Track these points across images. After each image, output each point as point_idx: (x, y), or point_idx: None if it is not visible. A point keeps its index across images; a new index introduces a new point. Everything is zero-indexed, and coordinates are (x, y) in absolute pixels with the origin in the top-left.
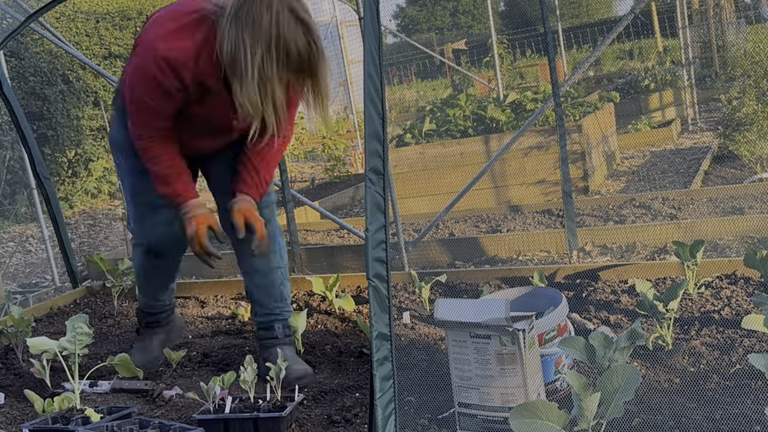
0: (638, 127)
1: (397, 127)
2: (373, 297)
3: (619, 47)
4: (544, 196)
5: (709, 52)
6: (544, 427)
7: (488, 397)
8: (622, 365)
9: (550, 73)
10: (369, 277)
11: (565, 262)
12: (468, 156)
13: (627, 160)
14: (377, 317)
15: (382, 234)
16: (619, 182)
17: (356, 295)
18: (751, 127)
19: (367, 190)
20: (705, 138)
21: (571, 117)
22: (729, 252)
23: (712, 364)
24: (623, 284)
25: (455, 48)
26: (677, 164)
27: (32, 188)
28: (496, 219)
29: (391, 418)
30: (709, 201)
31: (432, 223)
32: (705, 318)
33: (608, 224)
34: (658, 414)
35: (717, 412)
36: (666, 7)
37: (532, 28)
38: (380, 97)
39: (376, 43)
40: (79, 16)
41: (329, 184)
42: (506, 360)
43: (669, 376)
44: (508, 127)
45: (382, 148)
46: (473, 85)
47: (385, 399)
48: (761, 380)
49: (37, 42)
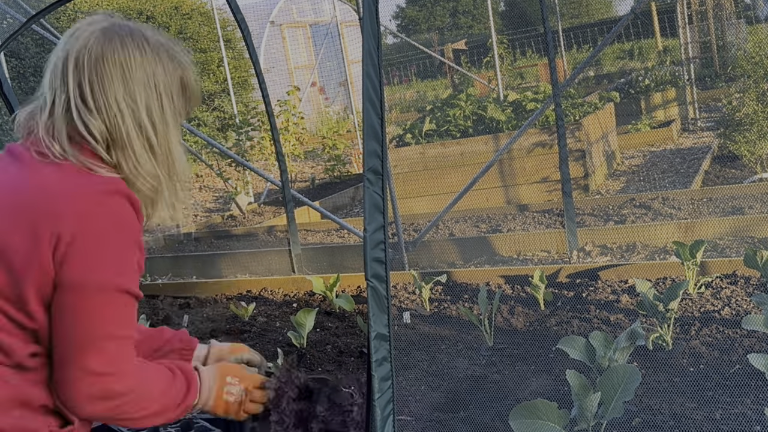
0: (638, 127)
1: (397, 127)
2: (372, 297)
3: (619, 47)
4: (544, 195)
5: (709, 52)
6: (544, 427)
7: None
8: (622, 365)
9: (550, 73)
10: (367, 278)
11: (565, 262)
12: (468, 156)
13: (627, 160)
14: (376, 317)
15: (380, 234)
16: (619, 182)
17: (356, 295)
18: (751, 127)
19: (365, 190)
20: (705, 138)
21: (571, 117)
22: (729, 252)
23: (712, 364)
24: (623, 284)
25: (455, 48)
26: (677, 164)
27: None
28: (496, 219)
29: (389, 418)
30: (709, 201)
31: (432, 223)
32: (705, 318)
33: (608, 224)
34: (658, 414)
35: (717, 412)
36: (666, 7)
37: (532, 28)
38: (379, 98)
39: (375, 44)
40: (79, 16)
41: (329, 184)
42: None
43: (669, 376)
44: (508, 127)
45: (381, 148)
46: (473, 85)
47: (383, 399)
48: (761, 380)
49: (37, 42)
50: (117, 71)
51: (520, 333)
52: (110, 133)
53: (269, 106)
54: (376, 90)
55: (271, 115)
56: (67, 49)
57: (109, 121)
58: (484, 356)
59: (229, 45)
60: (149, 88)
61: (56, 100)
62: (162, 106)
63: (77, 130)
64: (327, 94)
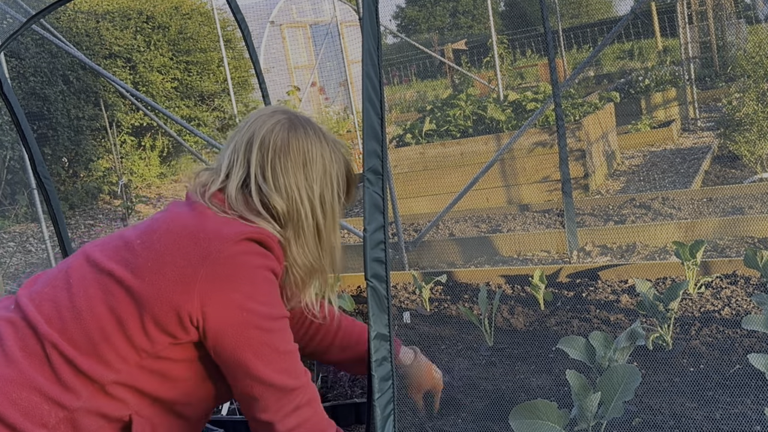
0: (638, 127)
1: (397, 127)
2: (372, 297)
3: (619, 47)
4: (545, 195)
5: (709, 52)
6: (544, 427)
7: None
8: (622, 365)
9: (550, 73)
10: (367, 278)
11: (565, 262)
12: (468, 156)
13: (627, 160)
14: (376, 317)
15: (380, 234)
16: (619, 182)
17: (356, 295)
18: (751, 127)
19: (365, 190)
20: (705, 138)
21: (572, 117)
22: (729, 252)
23: (712, 364)
24: (623, 284)
25: (455, 48)
26: (677, 164)
27: (32, 188)
28: (496, 219)
29: (390, 418)
30: (709, 201)
31: (432, 223)
32: (705, 318)
33: (608, 224)
34: (658, 414)
35: (717, 412)
36: (666, 7)
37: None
38: (379, 98)
39: (375, 44)
40: (79, 16)
41: None
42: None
43: (669, 376)
44: (508, 127)
45: (381, 148)
46: (473, 85)
47: (383, 399)
48: (761, 380)
49: (37, 42)
50: (299, 158)
51: (520, 333)
52: (288, 213)
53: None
54: (376, 90)
55: None
56: (252, 130)
57: (289, 202)
58: (484, 356)
59: (229, 45)
60: (325, 177)
61: (232, 174)
62: (333, 196)
63: (254, 204)
64: (327, 94)
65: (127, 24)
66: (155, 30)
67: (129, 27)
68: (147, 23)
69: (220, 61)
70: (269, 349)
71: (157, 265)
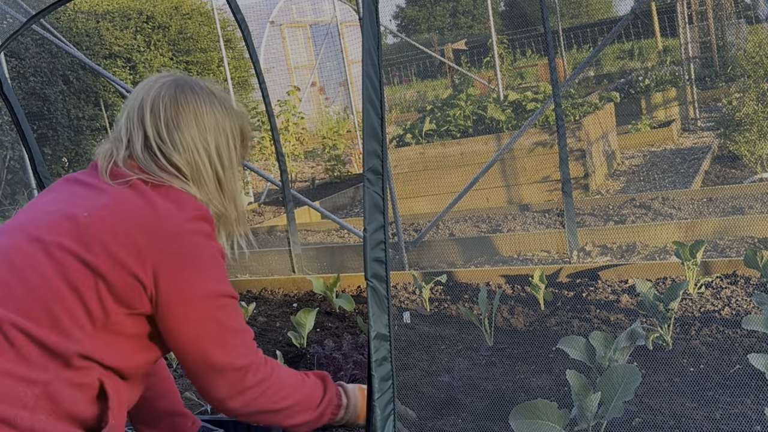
0: (638, 127)
1: (398, 127)
2: (372, 297)
3: (619, 47)
4: (545, 195)
5: (709, 52)
6: (544, 427)
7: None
8: (622, 365)
9: (550, 73)
10: (367, 278)
11: (565, 262)
12: (468, 156)
13: (627, 159)
14: (376, 317)
15: (380, 234)
16: (619, 182)
17: (356, 295)
18: (751, 127)
19: (365, 190)
20: (705, 138)
21: (572, 117)
22: (729, 252)
23: (712, 364)
24: (623, 284)
25: (455, 48)
26: (677, 164)
27: (32, 188)
28: (496, 219)
29: (389, 419)
30: (709, 201)
31: (432, 223)
32: (705, 318)
33: (608, 224)
34: (658, 414)
35: (717, 412)
36: (666, 7)
37: (532, 28)
38: (379, 98)
39: (375, 44)
40: (79, 16)
41: (329, 184)
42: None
43: (669, 376)
44: (508, 127)
45: (381, 148)
46: (473, 85)
47: (383, 400)
48: (761, 380)
49: (37, 42)
50: (190, 114)
51: (520, 333)
52: (189, 167)
53: (269, 106)
54: (376, 90)
55: (271, 115)
56: (141, 96)
57: (188, 156)
58: (484, 356)
59: (229, 45)
60: (218, 129)
61: (133, 140)
62: (228, 145)
63: (163, 164)
64: (327, 94)
65: (127, 24)
66: (155, 30)
67: (129, 27)
68: (147, 23)
69: (220, 61)
70: (218, 326)
71: (111, 237)
